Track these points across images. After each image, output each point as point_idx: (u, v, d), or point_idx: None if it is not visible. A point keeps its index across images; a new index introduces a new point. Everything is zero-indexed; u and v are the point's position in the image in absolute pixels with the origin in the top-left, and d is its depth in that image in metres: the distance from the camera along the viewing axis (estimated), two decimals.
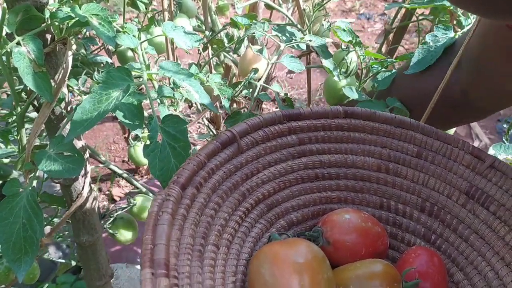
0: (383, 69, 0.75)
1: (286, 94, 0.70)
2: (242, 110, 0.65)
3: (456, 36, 0.69)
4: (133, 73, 0.50)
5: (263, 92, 0.66)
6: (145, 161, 1.00)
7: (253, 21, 0.71)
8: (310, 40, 0.67)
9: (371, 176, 0.60)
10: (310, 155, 0.60)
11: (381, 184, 0.61)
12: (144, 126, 0.51)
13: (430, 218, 0.59)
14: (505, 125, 1.92)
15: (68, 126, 0.59)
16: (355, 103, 0.72)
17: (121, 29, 0.56)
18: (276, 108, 2.00)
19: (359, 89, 0.74)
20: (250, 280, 0.48)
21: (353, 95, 0.70)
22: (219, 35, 0.79)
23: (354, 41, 0.71)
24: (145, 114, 0.76)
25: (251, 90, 0.67)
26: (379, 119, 0.60)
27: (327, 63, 0.66)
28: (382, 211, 0.61)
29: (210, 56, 0.82)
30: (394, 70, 0.76)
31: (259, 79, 0.67)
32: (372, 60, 0.75)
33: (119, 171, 0.86)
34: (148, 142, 0.47)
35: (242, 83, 0.67)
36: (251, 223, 0.55)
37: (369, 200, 0.61)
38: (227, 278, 0.49)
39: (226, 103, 0.62)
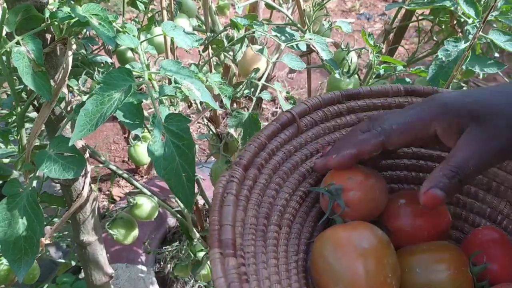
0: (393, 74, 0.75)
1: (288, 93, 0.70)
2: (243, 110, 0.65)
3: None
4: (134, 73, 0.50)
5: (264, 91, 0.66)
6: (145, 161, 1.00)
7: (253, 21, 0.71)
8: (310, 39, 0.67)
9: (432, 155, 0.58)
10: None
11: None
12: (144, 126, 0.51)
13: (496, 198, 0.57)
14: None
15: (68, 126, 0.59)
16: None
17: (121, 29, 0.56)
18: (276, 107, 2.00)
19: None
20: (313, 262, 0.48)
21: None
22: (219, 36, 0.79)
23: (378, 47, 0.70)
24: (145, 114, 0.76)
25: (252, 89, 0.67)
26: None
27: (328, 61, 0.66)
28: None
29: (210, 56, 0.82)
30: (408, 80, 0.77)
31: (260, 78, 0.67)
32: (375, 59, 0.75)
33: (119, 171, 0.86)
34: (151, 142, 0.47)
35: (244, 83, 0.67)
36: (311, 203, 0.54)
37: None
38: (290, 257, 0.48)
39: (227, 102, 0.62)
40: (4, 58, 0.52)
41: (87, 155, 0.63)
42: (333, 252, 0.46)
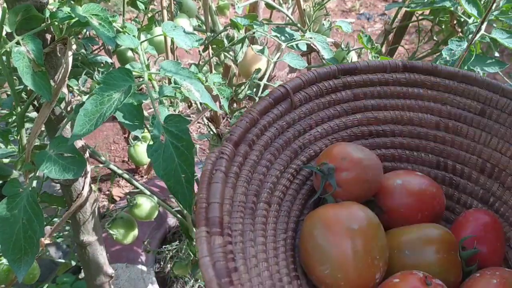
0: None
1: None
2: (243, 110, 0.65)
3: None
4: (133, 73, 0.50)
5: (266, 90, 0.66)
6: (145, 161, 1.00)
7: (254, 21, 0.71)
8: (311, 38, 0.67)
9: (428, 134, 0.57)
10: (365, 111, 0.57)
11: (438, 143, 0.58)
12: (144, 126, 0.51)
13: (489, 179, 0.56)
14: None
15: (68, 126, 0.59)
16: None
17: (121, 29, 0.56)
18: None
19: None
20: (302, 240, 0.47)
21: None
22: (219, 36, 0.79)
23: (375, 48, 0.70)
24: (145, 114, 0.76)
25: (254, 89, 0.67)
26: (440, 74, 0.57)
27: (331, 60, 0.66)
28: (438, 170, 0.58)
29: (210, 56, 0.82)
30: None
31: (261, 78, 0.67)
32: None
33: (119, 171, 0.86)
34: (150, 142, 0.47)
35: (247, 83, 0.67)
36: (302, 180, 0.53)
37: (425, 159, 0.58)
38: (278, 235, 0.48)
39: (225, 103, 0.62)
40: (4, 58, 0.51)
41: (87, 155, 0.63)
42: (322, 231, 0.45)
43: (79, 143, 0.61)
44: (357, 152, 0.51)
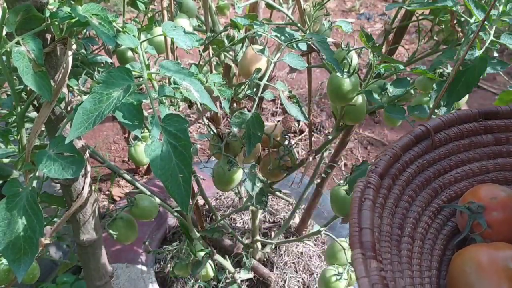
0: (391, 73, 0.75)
1: (290, 92, 0.70)
2: (243, 109, 0.65)
3: None
4: (133, 73, 0.50)
5: (267, 90, 0.66)
6: (145, 161, 1.00)
7: (254, 21, 0.71)
8: (311, 38, 0.67)
9: None
10: (508, 156, 0.57)
11: None
12: (144, 126, 0.51)
13: None
14: None
15: (68, 126, 0.59)
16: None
17: (121, 29, 0.56)
18: (276, 107, 2.00)
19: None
20: (451, 279, 0.47)
21: (376, 100, 0.70)
22: (219, 36, 0.79)
23: (376, 46, 0.70)
24: (145, 114, 0.76)
25: (255, 90, 0.67)
26: None
27: (330, 59, 0.66)
28: None
29: (210, 56, 0.82)
30: (408, 79, 0.77)
31: (261, 78, 0.67)
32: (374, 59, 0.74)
33: (119, 171, 0.86)
34: (149, 142, 0.47)
35: (247, 83, 0.67)
36: (443, 220, 0.53)
37: None
38: (423, 272, 0.48)
39: (225, 104, 0.61)
40: (4, 58, 0.51)
41: (87, 155, 0.63)
42: (476, 270, 0.44)
43: (79, 143, 0.61)
44: (506, 193, 0.51)
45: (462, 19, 0.80)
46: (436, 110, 0.80)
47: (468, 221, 0.50)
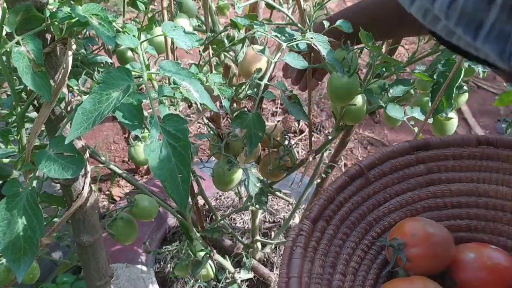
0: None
1: (291, 91, 0.70)
2: (243, 110, 0.65)
3: None
4: (133, 73, 0.50)
5: (267, 90, 0.66)
6: (145, 161, 1.00)
7: (254, 21, 0.71)
8: (311, 38, 0.67)
9: (504, 205, 0.58)
10: (439, 184, 0.59)
11: None
12: (144, 126, 0.51)
13: None
14: (503, 125, 1.92)
15: (68, 126, 0.59)
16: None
17: (121, 29, 0.56)
18: (276, 107, 2.00)
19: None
20: None
21: (376, 100, 0.70)
22: (220, 36, 0.79)
23: (376, 46, 0.70)
24: (145, 114, 0.76)
25: (255, 89, 0.67)
26: None
27: (330, 59, 0.66)
28: None
29: (210, 56, 0.82)
30: (408, 79, 0.77)
31: (262, 78, 0.67)
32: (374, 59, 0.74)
33: (119, 171, 0.86)
34: (148, 142, 0.47)
35: (247, 83, 0.67)
36: (377, 251, 0.56)
37: (502, 229, 0.58)
38: None
39: (226, 103, 0.61)
40: (4, 58, 0.51)
41: (87, 155, 0.63)
42: None
43: (79, 143, 0.61)
44: (427, 228, 0.54)
45: None
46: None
47: (392, 256, 0.53)
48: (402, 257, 0.52)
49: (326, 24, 0.72)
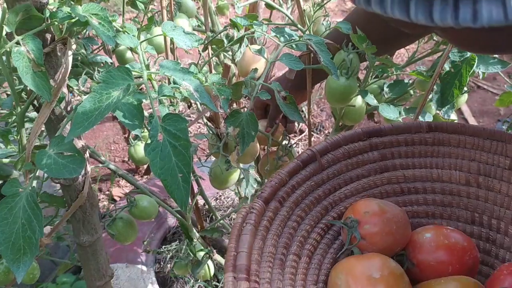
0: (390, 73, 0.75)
1: (287, 92, 0.70)
2: (242, 109, 0.65)
3: None
4: (133, 73, 0.50)
5: (262, 90, 0.66)
6: (145, 161, 1.00)
7: (253, 21, 0.71)
8: (308, 39, 0.67)
9: (460, 190, 0.59)
10: (393, 170, 0.60)
11: (472, 199, 0.58)
12: (144, 126, 0.51)
13: None
14: (503, 126, 1.92)
15: (68, 126, 0.59)
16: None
17: (121, 29, 0.56)
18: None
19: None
20: None
21: (373, 102, 0.71)
22: (219, 35, 0.79)
23: (370, 47, 0.70)
24: (145, 113, 0.76)
25: (250, 89, 0.67)
26: (466, 132, 0.58)
27: (327, 61, 0.66)
28: (474, 226, 0.59)
29: (210, 56, 0.82)
30: (406, 80, 0.77)
31: (258, 78, 0.66)
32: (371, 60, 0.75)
33: (119, 171, 0.86)
34: (148, 141, 0.47)
35: (243, 84, 0.67)
36: (333, 236, 0.56)
37: (459, 214, 0.59)
38: (308, 286, 0.51)
39: (224, 104, 0.61)
40: (4, 58, 0.52)
41: (87, 155, 0.63)
42: (346, 281, 0.48)
43: (79, 143, 0.61)
44: (380, 206, 0.54)
45: None
46: (437, 111, 0.80)
47: (347, 235, 0.53)
48: (356, 235, 0.52)
49: (326, 24, 0.72)
